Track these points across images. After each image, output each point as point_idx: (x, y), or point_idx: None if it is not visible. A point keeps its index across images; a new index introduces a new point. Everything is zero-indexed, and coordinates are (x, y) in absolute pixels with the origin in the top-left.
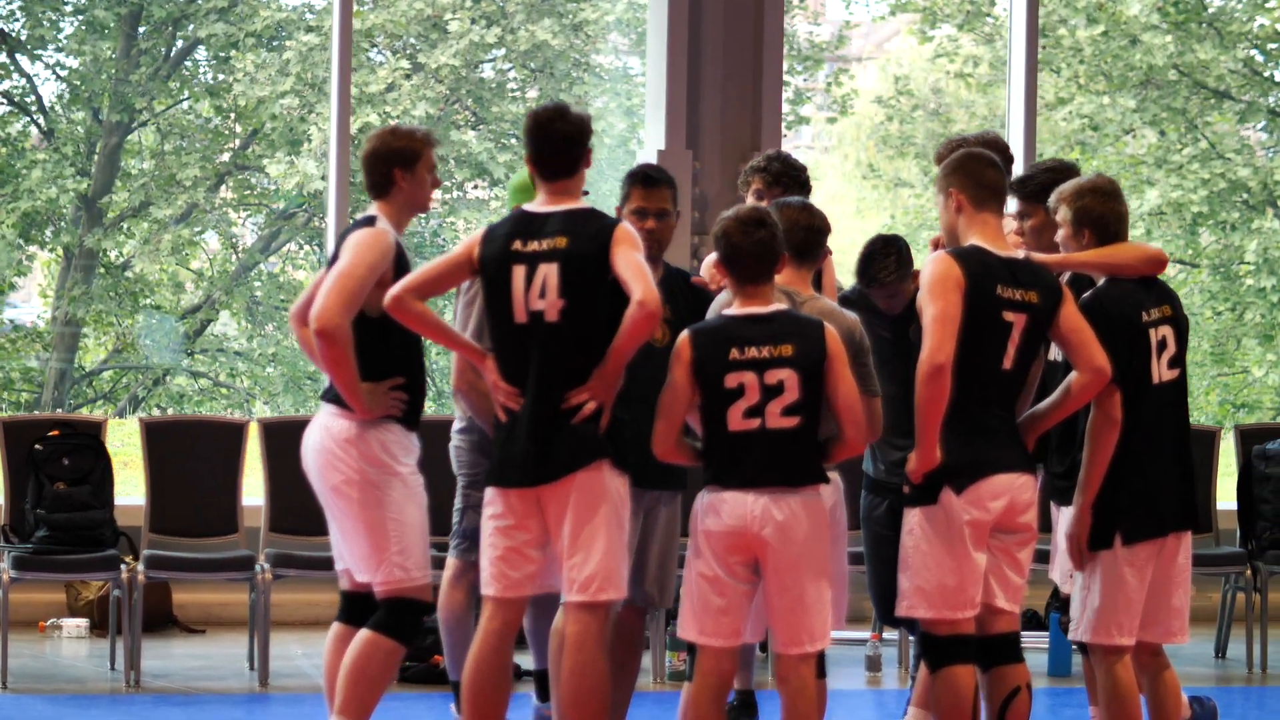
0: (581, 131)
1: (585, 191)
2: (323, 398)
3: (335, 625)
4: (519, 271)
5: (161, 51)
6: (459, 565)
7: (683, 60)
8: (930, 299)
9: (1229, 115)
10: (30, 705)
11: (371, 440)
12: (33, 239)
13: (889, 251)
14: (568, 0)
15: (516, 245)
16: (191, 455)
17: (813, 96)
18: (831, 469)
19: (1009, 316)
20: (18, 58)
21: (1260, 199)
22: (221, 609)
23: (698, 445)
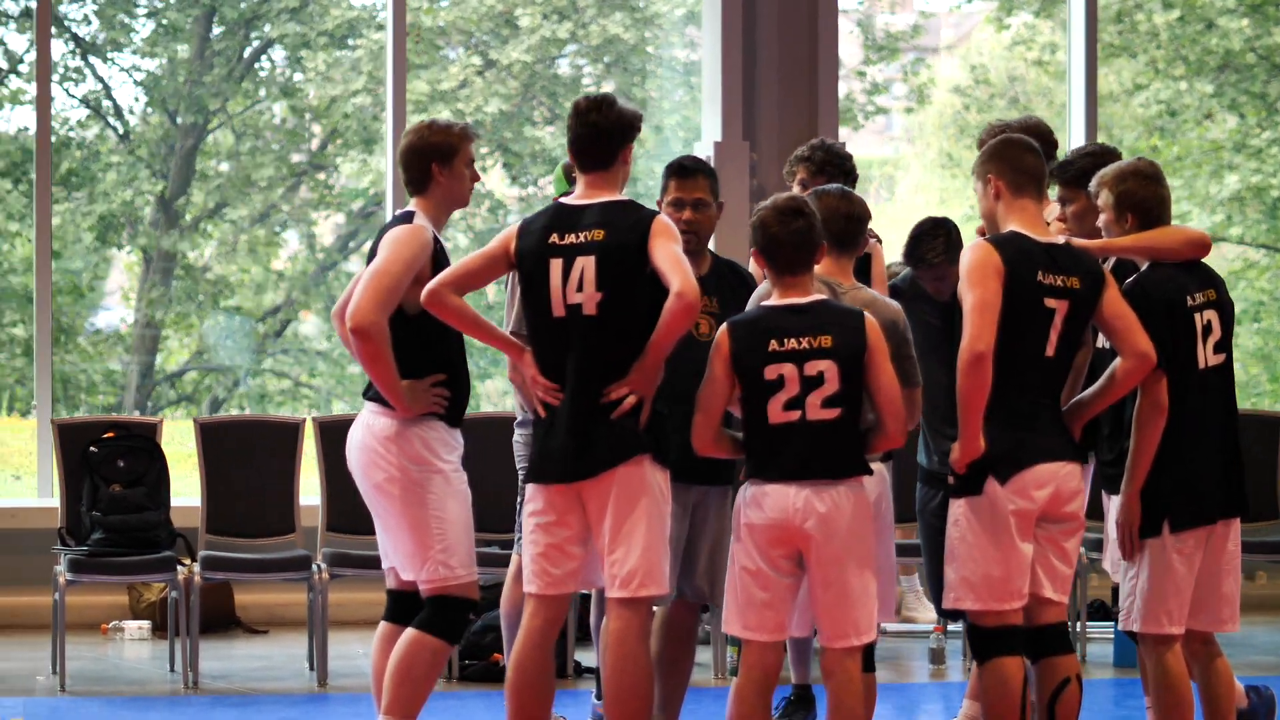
0: (621, 125)
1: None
2: (365, 396)
3: (382, 624)
4: (556, 265)
5: (235, 52)
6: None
7: (738, 52)
8: (969, 287)
9: None
10: (86, 707)
11: (413, 438)
12: (110, 241)
13: (937, 233)
14: None
15: (553, 238)
16: (248, 455)
17: (890, 87)
18: (876, 460)
19: (1050, 303)
20: (92, 61)
21: None
22: (284, 609)
23: (739, 436)
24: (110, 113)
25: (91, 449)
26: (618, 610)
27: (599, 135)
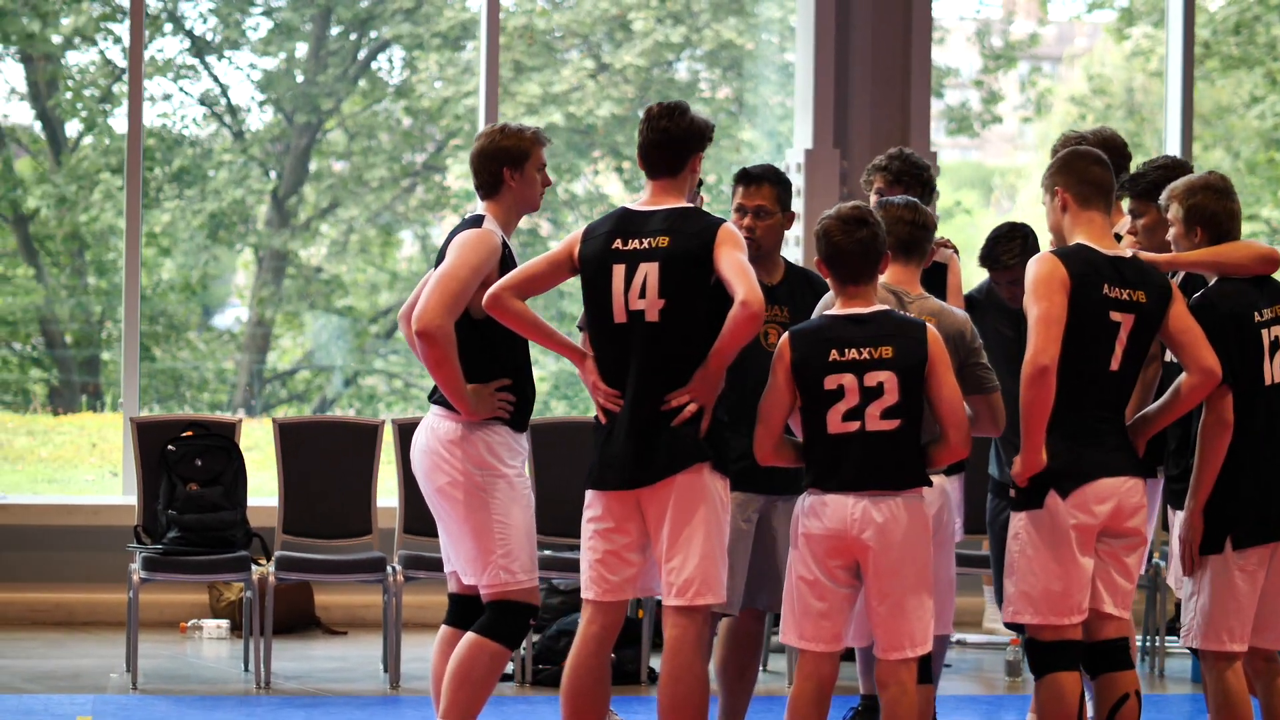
0: (692, 133)
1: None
2: (430, 399)
3: (443, 628)
4: (619, 270)
5: (349, 52)
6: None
7: (830, 58)
8: (1034, 300)
9: None
10: (154, 705)
11: (477, 442)
12: (220, 240)
13: (1014, 236)
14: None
15: (617, 244)
16: (326, 456)
17: (1007, 96)
18: (939, 473)
19: (1116, 316)
20: (207, 60)
21: None
22: (364, 611)
23: (800, 443)
24: (225, 111)
25: (170, 447)
26: (674, 618)
27: (669, 142)
